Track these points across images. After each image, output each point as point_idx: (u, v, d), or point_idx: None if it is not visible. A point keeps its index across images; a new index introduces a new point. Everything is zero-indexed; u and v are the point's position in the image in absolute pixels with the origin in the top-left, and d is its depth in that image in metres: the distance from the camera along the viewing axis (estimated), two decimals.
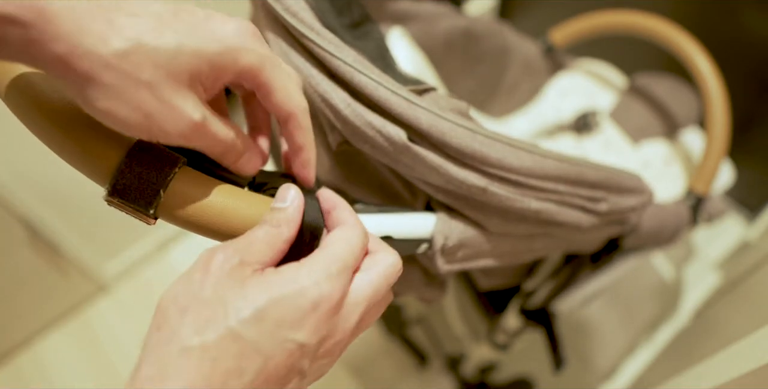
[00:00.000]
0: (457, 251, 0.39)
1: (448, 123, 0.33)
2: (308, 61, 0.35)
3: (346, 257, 0.27)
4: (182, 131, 0.25)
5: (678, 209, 0.59)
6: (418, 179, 0.37)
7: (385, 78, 0.33)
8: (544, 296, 0.63)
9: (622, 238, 0.52)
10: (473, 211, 0.38)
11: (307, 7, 0.36)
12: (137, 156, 0.26)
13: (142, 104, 0.23)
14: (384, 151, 0.34)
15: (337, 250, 0.27)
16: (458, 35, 0.76)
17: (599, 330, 1.08)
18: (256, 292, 0.24)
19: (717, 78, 0.66)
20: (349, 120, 0.34)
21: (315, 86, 0.35)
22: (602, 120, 0.84)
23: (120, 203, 0.27)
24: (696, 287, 1.09)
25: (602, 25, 0.77)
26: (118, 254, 1.21)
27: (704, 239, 1.13)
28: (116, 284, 1.22)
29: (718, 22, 0.94)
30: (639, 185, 0.46)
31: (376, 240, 0.31)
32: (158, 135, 0.25)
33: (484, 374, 0.96)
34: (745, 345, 0.54)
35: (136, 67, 0.23)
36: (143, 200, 0.27)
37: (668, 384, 0.72)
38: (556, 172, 0.37)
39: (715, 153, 0.65)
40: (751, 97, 0.97)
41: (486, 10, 1.19)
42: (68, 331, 1.17)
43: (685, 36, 0.68)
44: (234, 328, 0.23)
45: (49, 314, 1.16)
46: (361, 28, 0.47)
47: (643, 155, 0.80)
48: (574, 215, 0.40)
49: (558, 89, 0.88)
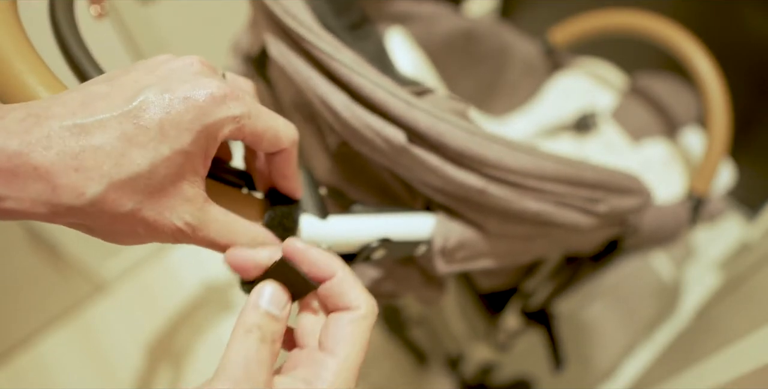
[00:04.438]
0: (456, 252, 0.39)
1: (446, 125, 0.33)
2: (307, 63, 0.35)
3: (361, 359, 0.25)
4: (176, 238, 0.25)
5: (678, 209, 0.59)
6: (417, 181, 0.37)
7: (384, 80, 0.33)
8: (544, 296, 0.63)
9: (621, 239, 0.52)
10: (472, 212, 0.38)
11: (306, 8, 0.36)
12: None
13: (133, 231, 0.24)
14: (383, 152, 0.34)
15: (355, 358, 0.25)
16: (458, 36, 0.76)
17: (599, 330, 1.07)
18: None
19: (717, 78, 0.66)
20: (348, 122, 0.34)
21: (314, 88, 0.35)
22: (602, 120, 0.84)
23: None
24: (696, 287, 1.09)
25: (602, 26, 0.77)
26: (118, 254, 1.21)
27: (704, 239, 1.13)
28: (116, 284, 1.22)
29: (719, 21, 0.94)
30: (638, 185, 0.46)
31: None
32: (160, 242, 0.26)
33: (484, 374, 0.96)
34: (746, 345, 0.54)
35: (115, 205, 0.23)
36: None
37: (668, 384, 0.72)
38: (554, 173, 0.37)
39: (715, 153, 0.64)
40: (753, 96, 0.97)
41: (487, 9, 1.19)
42: (67, 331, 1.17)
43: (685, 36, 0.68)
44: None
45: (48, 313, 1.16)
46: (360, 30, 0.47)
47: (643, 155, 0.80)
48: (572, 216, 0.40)
49: (558, 89, 0.88)
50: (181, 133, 0.23)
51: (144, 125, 0.23)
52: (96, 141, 0.22)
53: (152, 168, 0.23)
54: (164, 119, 0.23)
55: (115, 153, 0.22)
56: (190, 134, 0.23)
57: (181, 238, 0.26)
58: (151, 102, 0.23)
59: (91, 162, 0.22)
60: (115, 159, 0.22)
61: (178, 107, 0.23)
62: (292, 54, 0.36)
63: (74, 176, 0.22)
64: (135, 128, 0.23)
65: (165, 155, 0.23)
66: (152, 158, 0.23)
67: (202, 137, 0.24)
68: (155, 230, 0.25)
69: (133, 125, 0.23)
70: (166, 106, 0.23)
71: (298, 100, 0.40)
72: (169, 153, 0.23)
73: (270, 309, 0.25)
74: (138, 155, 0.23)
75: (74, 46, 0.29)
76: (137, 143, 0.23)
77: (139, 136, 0.23)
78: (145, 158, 0.23)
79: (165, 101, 0.23)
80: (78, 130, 0.22)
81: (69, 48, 0.29)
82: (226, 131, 0.25)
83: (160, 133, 0.23)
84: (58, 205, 0.22)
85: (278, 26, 0.37)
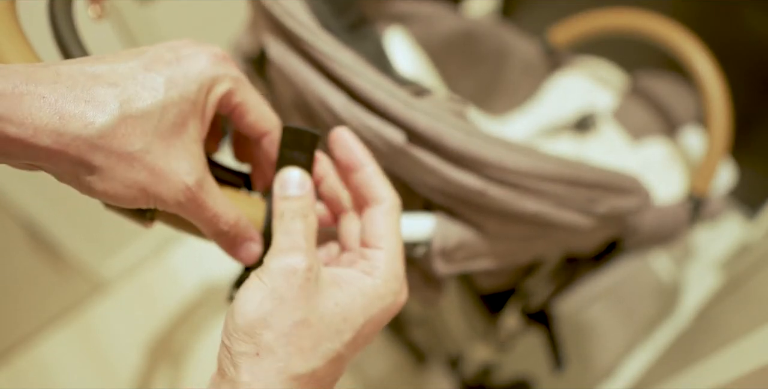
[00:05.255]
0: (455, 253, 0.39)
1: (445, 125, 0.33)
2: (306, 64, 0.35)
3: (401, 248, 0.28)
4: (177, 199, 0.24)
5: (678, 209, 0.59)
6: (415, 181, 0.37)
7: (383, 80, 0.33)
8: (544, 297, 0.63)
9: (621, 239, 0.52)
10: (471, 213, 0.38)
11: (306, 9, 0.36)
12: None
13: (136, 179, 0.23)
14: (382, 153, 0.34)
15: (395, 247, 0.28)
16: (458, 35, 0.76)
17: (599, 330, 1.07)
18: (351, 312, 0.25)
19: (717, 78, 0.66)
20: (347, 122, 0.34)
21: (313, 89, 0.35)
22: (602, 120, 0.84)
23: (117, 208, 0.27)
24: (696, 287, 1.09)
25: (602, 26, 0.77)
26: (117, 253, 1.21)
27: (704, 239, 1.13)
28: (116, 284, 1.22)
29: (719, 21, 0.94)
30: (637, 185, 0.46)
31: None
32: (155, 203, 0.24)
33: (484, 374, 0.96)
34: (746, 345, 0.54)
35: (123, 142, 0.22)
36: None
37: (668, 384, 0.72)
38: (553, 173, 0.37)
39: (715, 153, 0.64)
40: (753, 96, 0.97)
41: (487, 9, 1.19)
42: (67, 331, 1.17)
43: (685, 36, 0.68)
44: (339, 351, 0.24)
45: (47, 313, 1.16)
46: (360, 30, 0.47)
47: (643, 155, 0.80)
48: (571, 216, 0.40)
49: (558, 89, 0.88)
50: (188, 83, 0.24)
51: (154, 71, 0.24)
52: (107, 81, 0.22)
53: (162, 110, 0.23)
54: (173, 70, 0.24)
55: (127, 92, 0.22)
56: (196, 85, 0.25)
57: (182, 199, 0.24)
58: (161, 55, 0.24)
59: (101, 97, 0.22)
60: (126, 96, 0.22)
61: (185, 62, 0.25)
62: (291, 55, 0.36)
63: (84, 107, 0.21)
64: (145, 74, 0.23)
65: (174, 99, 0.24)
66: (163, 100, 0.23)
67: (204, 89, 0.25)
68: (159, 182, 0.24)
69: (143, 72, 0.23)
70: (173, 59, 0.25)
71: (298, 100, 0.40)
72: (178, 99, 0.24)
73: (290, 193, 0.28)
74: (149, 95, 0.23)
75: (73, 47, 0.29)
76: (148, 86, 0.23)
77: (149, 81, 0.23)
78: (156, 98, 0.23)
79: (172, 55, 0.25)
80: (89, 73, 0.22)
81: (68, 49, 0.29)
82: (224, 88, 0.26)
83: (168, 80, 0.24)
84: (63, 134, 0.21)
85: (277, 27, 0.37)
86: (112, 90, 0.22)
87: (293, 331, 0.23)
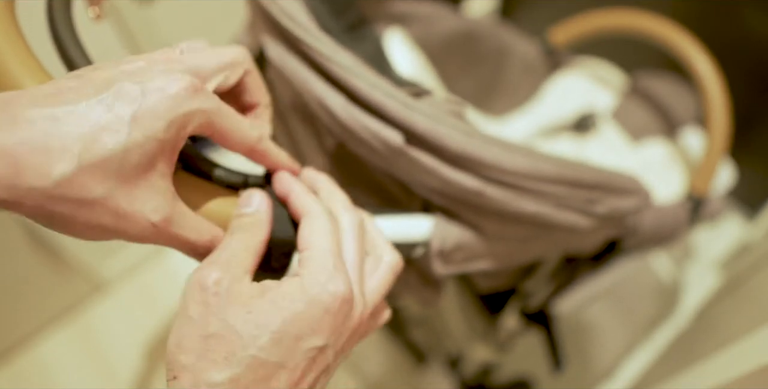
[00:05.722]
0: (454, 254, 0.39)
1: (444, 126, 0.33)
2: (305, 65, 0.35)
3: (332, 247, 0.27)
4: (144, 235, 0.24)
5: (678, 209, 0.59)
6: (414, 182, 0.37)
7: (382, 81, 0.33)
8: (544, 297, 0.63)
9: (621, 239, 0.52)
10: (470, 214, 0.38)
11: (304, 9, 0.36)
12: None
13: (99, 221, 0.23)
14: (380, 154, 0.34)
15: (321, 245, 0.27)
16: (458, 36, 0.76)
17: (599, 330, 1.07)
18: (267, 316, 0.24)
19: (717, 78, 0.66)
20: (346, 124, 0.34)
21: (312, 90, 0.35)
22: (602, 120, 0.84)
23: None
24: (696, 287, 1.09)
25: (602, 26, 0.77)
26: (117, 253, 1.21)
27: (704, 239, 1.13)
28: (116, 284, 1.22)
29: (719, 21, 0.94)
30: (636, 186, 0.46)
31: (380, 235, 0.32)
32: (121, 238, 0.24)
33: (484, 374, 0.96)
34: (746, 345, 0.54)
35: (82, 189, 0.21)
36: None
37: (668, 384, 0.72)
38: (552, 174, 0.37)
39: (715, 153, 0.64)
40: (753, 96, 0.97)
41: (487, 9, 1.19)
42: (67, 331, 1.17)
43: (685, 36, 0.68)
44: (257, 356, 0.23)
45: (47, 313, 1.16)
46: (358, 31, 0.47)
47: (643, 155, 0.80)
48: (571, 217, 0.40)
49: (558, 89, 0.88)
50: (155, 121, 0.23)
51: (116, 113, 0.22)
52: (65, 127, 0.21)
53: (125, 153, 0.22)
54: (138, 108, 0.23)
55: (86, 138, 0.21)
56: (163, 123, 0.23)
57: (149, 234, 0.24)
58: (126, 92, 0.23)
59: (59, 145, 0.21)
60: (85, 143, 0.21)
61: (152, 98, 0.23)
62: (290, 56, 0.36)
63: (40, 158, 0.20)
64: (107, 115, 0.22)
65: (138, 140, 0.22)
66: (125, 143, 0.22)
67: (174, 127, 0.24)
68: (124, 223, 0.23)
69: (105, 113, 0.22)
70: (139, 96, 0.23)
71: (296, 101, 0.40)
72: (143, 139, 0.23)
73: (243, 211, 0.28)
74: (110, 139, 0.22)
75: (71, 47, 0.29)
76: (109, 129, 0.22)
77: (111, 123, 0.22)
78: (118, 142, 0.22)
79: (138, 92, 0.23)
80: (47, 116, 0.21)
81: (66, 49, 0.29)
82: (196, 124, 0.25)
83: (133, 120, 0.22)
84: (18, 187, 0.20)
85: (275, 28, 0.37)
86: (70, 135, 0.21)
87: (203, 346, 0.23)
